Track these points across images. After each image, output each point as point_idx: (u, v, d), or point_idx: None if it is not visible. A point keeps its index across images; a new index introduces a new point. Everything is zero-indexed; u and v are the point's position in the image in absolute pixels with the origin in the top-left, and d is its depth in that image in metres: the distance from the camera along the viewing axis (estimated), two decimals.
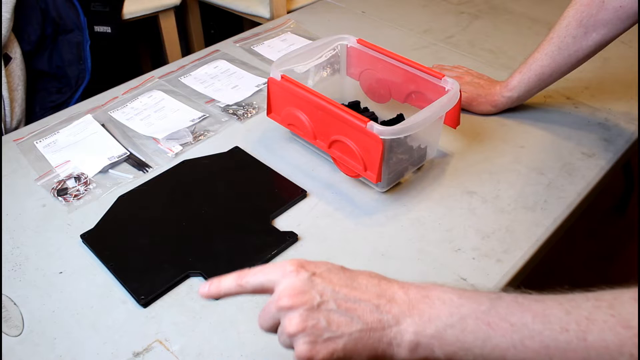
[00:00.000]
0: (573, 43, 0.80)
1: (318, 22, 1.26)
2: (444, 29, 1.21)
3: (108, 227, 0.73)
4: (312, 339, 0.41)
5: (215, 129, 0.91)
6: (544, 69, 0.84)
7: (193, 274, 0.67)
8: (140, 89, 1.02)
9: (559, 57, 0.82)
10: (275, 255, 0.69)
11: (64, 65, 1.28)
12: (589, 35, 0.78)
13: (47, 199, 0.79)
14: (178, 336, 0.60)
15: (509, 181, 0.80)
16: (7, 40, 1.14)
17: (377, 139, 0.69)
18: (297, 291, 0.43)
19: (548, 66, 0.83)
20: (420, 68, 0.81)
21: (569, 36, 0.80)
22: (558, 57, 0.82)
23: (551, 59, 0.83)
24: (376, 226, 0.73)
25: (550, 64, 0.83)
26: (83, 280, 0.67)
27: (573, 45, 0.80)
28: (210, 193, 0.78)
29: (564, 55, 0.81)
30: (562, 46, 0.81)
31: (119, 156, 0.86)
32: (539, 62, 0.84)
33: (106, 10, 1.39)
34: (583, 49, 0.80)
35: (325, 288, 0.43)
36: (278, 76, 0.81)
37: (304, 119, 0.79)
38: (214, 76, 1.06)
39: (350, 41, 0.89)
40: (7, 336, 0.61)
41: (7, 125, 1.14)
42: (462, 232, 0.72)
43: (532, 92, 0.88)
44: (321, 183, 0.80)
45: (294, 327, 0.42)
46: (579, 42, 0.80)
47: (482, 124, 0.91)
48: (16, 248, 0.72)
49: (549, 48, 0.83)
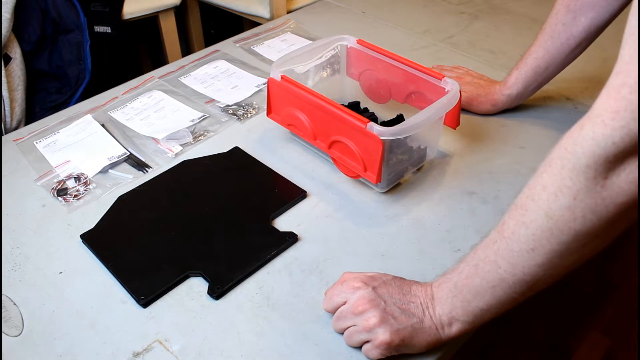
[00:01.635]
0: (564, 30, 0.80)
1: (318, 22, 1.26)
2: (444, 29, 1.21)
3: (108, 227, 0.73)
4: (390, 329, 0.54)
5: (215, 129, 0.92)
6: (539, 61, 0.84)
7: (193, 274, 0.67)
8: (140, 89, 1.02)
9: (552, 47, 0.82)
10: (275, 255, 0.69)
11: (63, 65, 1.28)
12: (577, 20, 0.78)
13: (47, 199, 0.79)
14: (178, 336, 0.60)
15: (509, 182, 0.80)
16: (7, 40, 1.14)
17: (377, 139, 0.69)
18: (367, 299, 0.56)
19: (542, 58, 0.83)
20: (420, 68, 0.81)
21: (559, 24, 0.80)
22: (551, 47, 0.82)
23: (545, 49, 0.83)
24: (376, 227, 0.73)
25: (544, 56, 0.83)
26: (83, 280, 0.67)
27: (564, 33, 0.80)
28: (210, 193, 0.78)
29: (557, 44, 0.81)
30: (553, 35, 0.81)
31: (119, 156, 0.86)
32: (534, 55, 0.84)
33: (106, 10, 1.39)
34: (574, 36, 0.80)
35: (385, 295, 0.57)
36: (278, 76, 0.81)
37: (303, 119, 0.79)
38: (213, 76, 1.06)
39: (350, 41, 0.89)
40: (7, 336, 0.61)
41: (7, 125, 1.14)
42: (462, 233, 0.72)
43: (531, 89, 0.88)
44: (321, 183, 0.80)
45: (374, 322, 0.55)
46: (569, 29, 0.80)
47: (482, 124, 0.91)
48: (16, 248, 0.72)
49: (542, 39, 0.83)
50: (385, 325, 0.54)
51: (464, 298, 0.53)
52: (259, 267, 0.68)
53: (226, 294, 0.65)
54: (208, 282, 0.66)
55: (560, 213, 0.44)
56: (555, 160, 0.44)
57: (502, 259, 0.49)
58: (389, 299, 0.56)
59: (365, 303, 0.56)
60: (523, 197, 0.48)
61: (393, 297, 0.57)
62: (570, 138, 0.43)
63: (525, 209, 0.47)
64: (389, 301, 0.56)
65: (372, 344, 0.55)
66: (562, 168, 0.44)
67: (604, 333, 1.34)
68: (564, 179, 0.43)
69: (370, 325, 0.55)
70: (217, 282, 0.65)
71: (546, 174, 0.45)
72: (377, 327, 0.55)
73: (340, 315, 0.58)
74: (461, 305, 0.53)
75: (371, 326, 0.55)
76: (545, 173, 0.45)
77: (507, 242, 0.49)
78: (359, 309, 0.56)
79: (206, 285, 0.66)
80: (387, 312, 0.55)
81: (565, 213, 0.44)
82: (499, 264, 0.49)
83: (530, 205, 0.46)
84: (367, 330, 0.55)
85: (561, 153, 0.44)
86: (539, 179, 0.46)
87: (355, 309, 0.56)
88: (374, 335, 0.55)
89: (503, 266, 0.49)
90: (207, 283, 0.66)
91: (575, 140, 0.42)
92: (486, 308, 0.52)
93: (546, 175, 0.45)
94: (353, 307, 0.57)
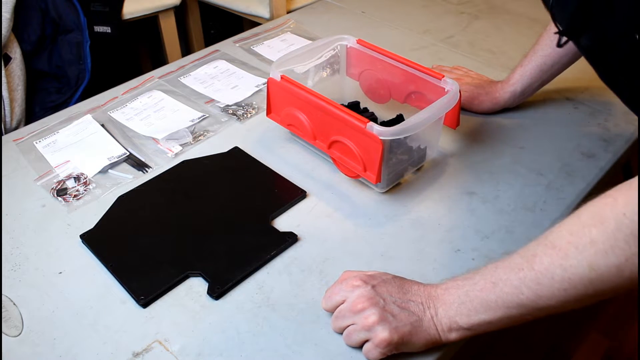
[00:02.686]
0: None
1: (318, 22, 1.26)
2: (444, 29, 1.21)
3: (108, 227, 0.73)
4: (389, 327, 0.54)
5: (214, 129, 0.91)
6: (545, 59, 0.84)
7: (192, 274, 0.67)
8: (140, 89, 1.02)
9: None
10: (274, 255, 0.69)
11: (63, 65, 1.28)
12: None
13: (47, 199, 0.79)
14: (178, 336, 0.60)
15: (509, 182, 0.80)
16: (7, 40, 1.14)
17: (376, 139, 0.69)
18: (367, 298, 0.56)
19: (549, 56, 0.83)
20: (420, 68, 0.81)
21: None
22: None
23: (551, 48, 0.83)
24: (376, 227, 0.73)
25: (551, 54, 0.83)
26: (83, 281, 0.67)
27: None
28: (210, 193, 0.78)
29: None
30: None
31: (119, 156, 0.86)
32: (540, 53, 0.84)
33: (106, 10, 1.39)
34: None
35: (384, 294, 0.57)
36: (278, 76, 0.81)
37: (303, 119, 0.79)
38: (213, 76, 1.06)
39: (350, 41, 0.89)
40: (6, 336, 0.61)
41: (7, 125, 1.14)
42: (462, 233, 0.72)
43: (534, 86, 0.88)
44: (321, 183, 0.80)
45: (373, 320, 0.54)
46: None
47: (482, 124, 0.91)
48: (16, 248, 0.72)
49: (548, 38, 0.83)
50: (384, 323, 0.54)
51: (472, 307, 0.53)
52: (259, 267, 0.68)
53: (226, 294, 0.65)
54: (208, 282, 0.66)
55: (607, 269, 0.45)
56: (609, 221, 0.44)
57: (528, 289, 0.49)
58: (388, 297, 0.56)
59: (364, 301, 0.56)
60: (562, 241, 0.48)
61: (392, 295, 0.56)
62: (628, 205, 0.43)
63: (565, 253, 0.47)
64: (389, 299, 0.56)
65: (372, 342, 0.55)
66: (617, 231, 0.44)
67: (604, 333, 1.34)
68: (618, 240, 0.44)
69: (369, 323, 0.55)
70: (217, 282, 0.65)
71: (596, 230, 0.45)
72: (376, 325, 0.54)
73: (339, 314, 0.59)
74: (467, 314, 0.53)
75: (370, 324, 0.55)
76: (595, 228, 0.45)
77: (537, 275, 0.48)
78: (358, 307, 0.56)
79: (206, 285, 0.66)
80: (386, 311, 0.55)
81: (613, 270, 0.44)
82: (523, 291, 0.49)
83: (573, 252, 0.46)
84: (366, 329, 0.55)
85: (618, 217, 0.44)
86: (586, 231, 0.46)
87: (354, 307, 0.56)
88: (373, 333, 0.55)
89: (526, 294, 0.49)
90: (206, 283, 0.66)
91: (635, 210, 0.43)
92: (493, 322, 0.52)
93: (596, 231, 0.45)
94: (352, 306, 0.57)
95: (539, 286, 0.48)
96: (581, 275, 0.46)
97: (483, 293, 0.52)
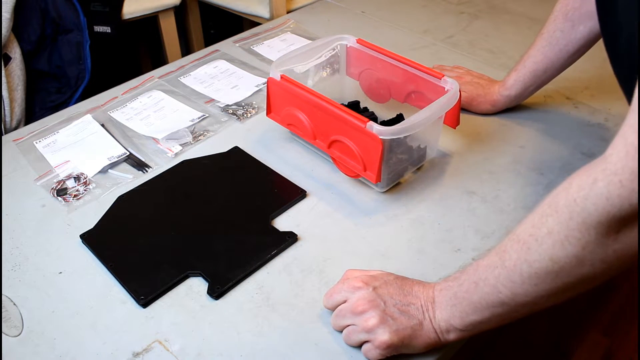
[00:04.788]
0: (562, 37, 0.80)
1: (318, 22, 1.26)
2: (444, 29, 1.21)
3: (107, 227, 0.73)
4: (389, 329, 0.54)
5: (214, 129, 0.91)
6: (537, 65, 0.84)
7: (192, 274, 0.67)
8: (139, 89, 1.02)
9: (550, 53, 0.82)
10: (274, 255, 0.69)
11: (63, 65, 1.28)
12: (576, 28, 0.78)
13: (47, 199, 0.79)
14: (178, 336, 0.60)
15: (509, 181, 0.80)
16: (7, 40, 1.14)
17: (376, 139, 0.69)
18: (367, 300, 0.56)
19: (541, 62, 0.83)
20: (420, 68, 0.81)
21: (557, 30, 0.80)
22: (549, 52, 0.82)
23: (543, 54, 0.82)
24: (376, 226, 0.73)
25: (542, 60, 0.83)
26: (82, 281, 0.67)
27: (562, 40, 0.80)
28: (210, 193, 0.78)
29: (555, 50, 0.81)
30: (552, 41, 0.81)
31: (119, 156, 0.86)
32: (532, 59, 0.84)
33: (106, 10, 1.39)
34: (573, 43, 0.79)
35: (385, 296, 0.56)
36: (278, 76, 0.81)
37: (303, 119, 0.79)
38: (213, 76, 1.06)
39: (350, 41, 0.89)
40: (6, 336, 0.61)
41: (7, 125, 1.14)
42: (462, 232, 0.72)
43: (529, 90, 0.88)
44: (321, 183, 0.80)
45: (373, 322, 0.55)
46: (567, 36, 0.79)
47: (482, 124, 0.91)
48: (16, 248, 0.72)
49: (540, 44, 0.83)
50: (385, 326, 0.55)
51: (462, 309, 0.53)
52: (259, 267, 0.68)
53: (226, 294, 0.65)
54: (208, 282, 0.66)
55: (567, 260, 0.43)
56: (562, 209, 0.43)
57: (504, 287, 0.49)
58: (389, 299, 0.56)
59: (365, 303, 0.56)
60: (525, 234, 0.47)
61: (393, 297, 0.56)
62: (581, 191, 0.41)
63: (528, 247, 0.46)
64: (389, 302, 0.56)
65: (372, 344, 0.55)
66: (570, 219, 0.42)
67: (604, 333, 1.33)
68: (572, 229, 0.42)
69: (369, 326, 0.55)
70: (217, 282, 0.65)
71: (552, 219, 0.44)
72: (377, 327, 0.55)
73: (339, 314, 0.59)
74: (460, 316, 0.53)
75: (370, 327, 0.55)
76: (551, 218, 0.44)
77: (509, 272, 0.48)
78: (359, 309, 0.56)
79: (206, 285, 0.66)
80: (387, 313, 0.55)
81: (573, 260, 0.43)
82: (500, 289, 0.49)
83: (534, 245, 0.45)
84: (366, 331, 0.56)
85: (569, 203, 0.42)
86: (543, 221, 0.44)
87: (355, 308, 0.57)
88: (374, 335, 0.55)
89: (504, 292, 0.49)
90: (206, 283, 0.66)
91: (587, 195, 0.40)
92: (485, 322, 0.52)
93: (552, 220, 0.44)
94: (353, 307, 0.57)
95: (512, 284, 0.48)
96: (545, 269, 0.45)
97: (468, 294, 0.52)
